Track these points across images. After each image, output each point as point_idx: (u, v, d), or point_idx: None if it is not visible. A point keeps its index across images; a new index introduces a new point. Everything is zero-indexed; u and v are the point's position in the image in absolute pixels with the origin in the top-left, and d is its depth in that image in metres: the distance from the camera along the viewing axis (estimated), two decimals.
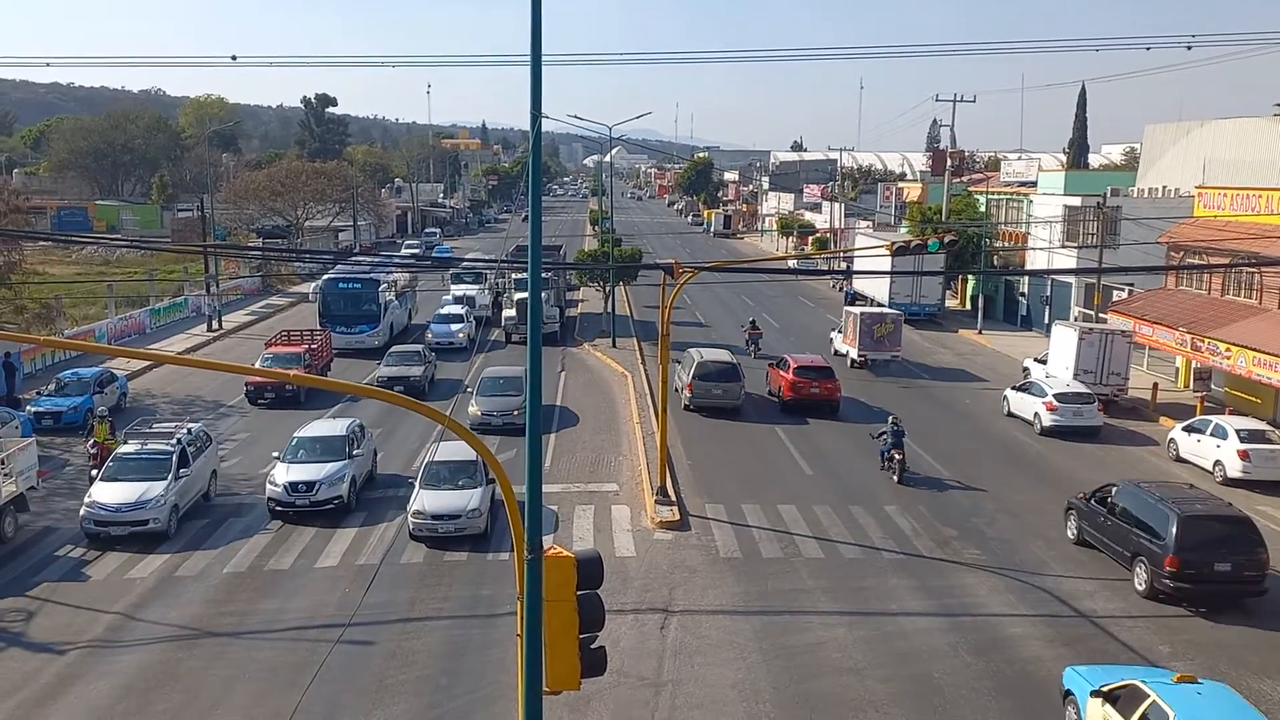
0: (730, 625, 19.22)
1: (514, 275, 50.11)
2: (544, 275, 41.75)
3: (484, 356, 43.48)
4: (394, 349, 39.46)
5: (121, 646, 18.09)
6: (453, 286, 55.01)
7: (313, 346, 38.82)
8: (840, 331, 45.11)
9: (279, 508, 24.27)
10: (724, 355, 36.39)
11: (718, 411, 34.78)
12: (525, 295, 38.73)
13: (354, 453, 25.87)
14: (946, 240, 24.54)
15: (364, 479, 26.65)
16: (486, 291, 54.40)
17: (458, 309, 49.93)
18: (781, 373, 36.01)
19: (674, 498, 25.82)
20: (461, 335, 45.98)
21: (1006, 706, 16.42)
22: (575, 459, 29.78)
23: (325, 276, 46.98)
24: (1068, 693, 15.97)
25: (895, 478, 27.73)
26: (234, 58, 34.52)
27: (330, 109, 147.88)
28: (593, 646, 9.51)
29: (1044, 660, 17.99)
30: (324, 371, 38.97)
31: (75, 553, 22.42)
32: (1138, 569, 20.83)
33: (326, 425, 27.56)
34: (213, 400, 36.14)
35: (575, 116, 48.33)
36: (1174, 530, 19.88)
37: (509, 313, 48.58)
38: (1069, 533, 23.76)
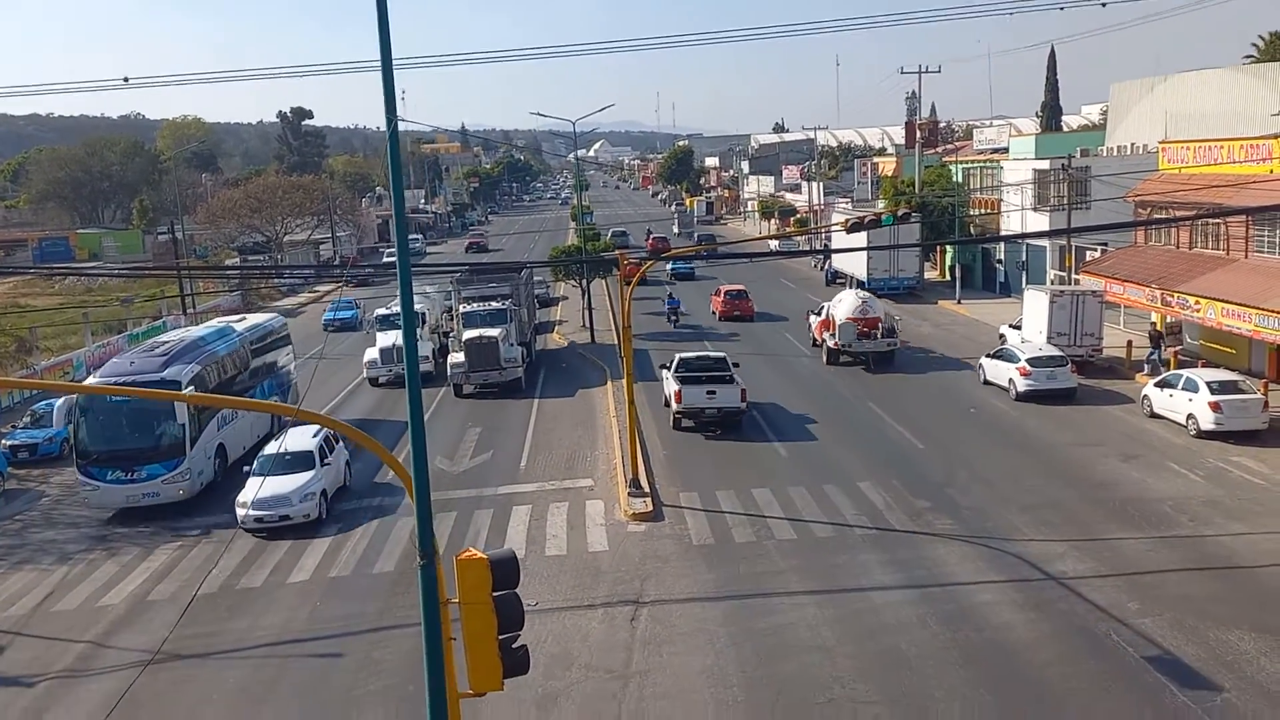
0: (700, 613, 19.23)
1: (461, 306, 39.37)
2: (503, 303, 38.98)
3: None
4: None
5: (90, 675, 18.10)
6: (379, 335, 40.87)
7: None
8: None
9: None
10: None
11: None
12: (479, 333, 36.76)
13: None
14: (900, 213, 24.46)
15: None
16: (424, 337, 41.85)
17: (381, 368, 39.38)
18: (716, 298, 52.50)
19: (648, 489, 25.83)
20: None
21: (971, 674, 16.42)
22: (551, 456, 29.78)
23: (93, 379, 29.00)
24: None
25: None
26: (125, 79, 35.52)
27: (307, 122, 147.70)
28: (514, 646, 9.50)
29: (1012, 626, 18.00)
30: None
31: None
32: None
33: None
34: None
35: (539, 113, 48.39)
36: None
37: (456, 357, 37.25)
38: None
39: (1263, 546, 20.81)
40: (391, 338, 40.43)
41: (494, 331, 37.05)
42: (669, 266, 68.37)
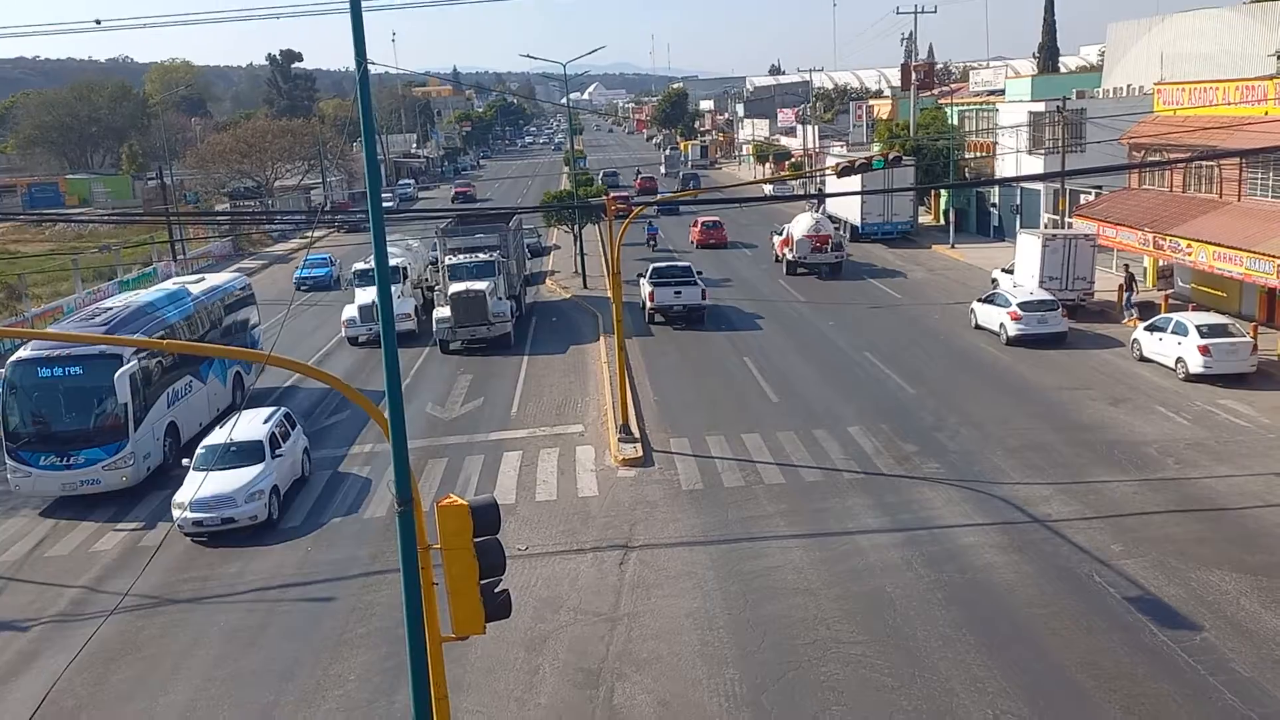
0: (689, 556, 19.41)
1: (446, 258, 37.47)
2: (490, 255, 37.15)
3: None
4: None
5: (83, 619, 18.28)
6: (357, 291, 38.32)
7: None
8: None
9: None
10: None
11: (686, 340, 34.84)
12: (466, 287, 35.22)
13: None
14: (891, 157, 24.27)
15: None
16: (407, 293, 40.03)
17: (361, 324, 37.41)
18: (694, 229, 58.36)
19: (638, 435, 25.93)
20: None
21: (955, 615, 16.63)
22: (542, 403, 29.86)
23: (15, 358, 24.57)
24: None
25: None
26: (98, 21, 34.46)
27: (297, 64, 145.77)
28: (496, 591, 9.60)
29: (996, 567, 18.19)
30: None
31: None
32: None
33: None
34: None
35: (528, 55, 47.63)
36: None
37: (442, 312, 35.84)
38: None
39: (1246, 488, 20.99)
40: (371, 294, 36.03)
41: (481, 285, 35.64)
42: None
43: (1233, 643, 15.39)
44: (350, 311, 38.01)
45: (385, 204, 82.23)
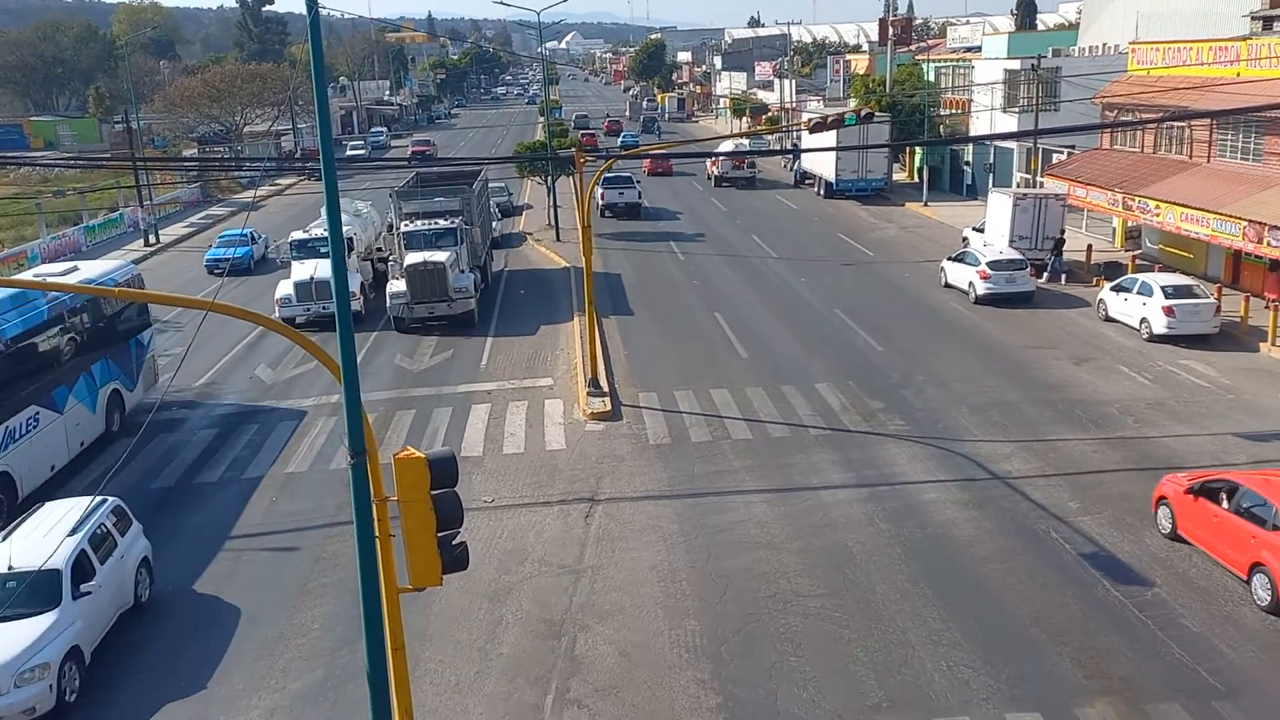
0: (654, 510, 19.56)
1: (402, 224, 33.74)
2: (452, 221, 33.58)
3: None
4: None
5: None
6: (294, 265, 33.85)
7: None
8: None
9: None
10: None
11: (658, 294, 34.84)
12: (424, 258, 31.15)
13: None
14: (864, 114, 24.20)
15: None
16: (353, 267, 34.23)
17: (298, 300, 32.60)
18: (646, 160, 66.62)
19: (606, 389, 25.97)
20: None
21: (913, 569, 16.89)
22: (512, 356, 29.81)
23: None
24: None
25: None
26: None
27: (268, 8, 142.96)
28: (454, 543, 9.65)
29: (955, 522, 18.46)
30: None
31: None
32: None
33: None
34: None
35: (501, 2, 46.76)
36: None
37: (397, 286, 32.07)
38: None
39: (1204, 448, 21.33)
40: (309, 268, 32.89)
41: (441, 256, 31.66)
42: (619, 139, 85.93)
43: (1183, 599, 15.73)
44: (285, 289, 33.04)
45: (357, 152, 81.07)
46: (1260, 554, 15.33)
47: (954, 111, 56.78)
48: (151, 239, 49.53)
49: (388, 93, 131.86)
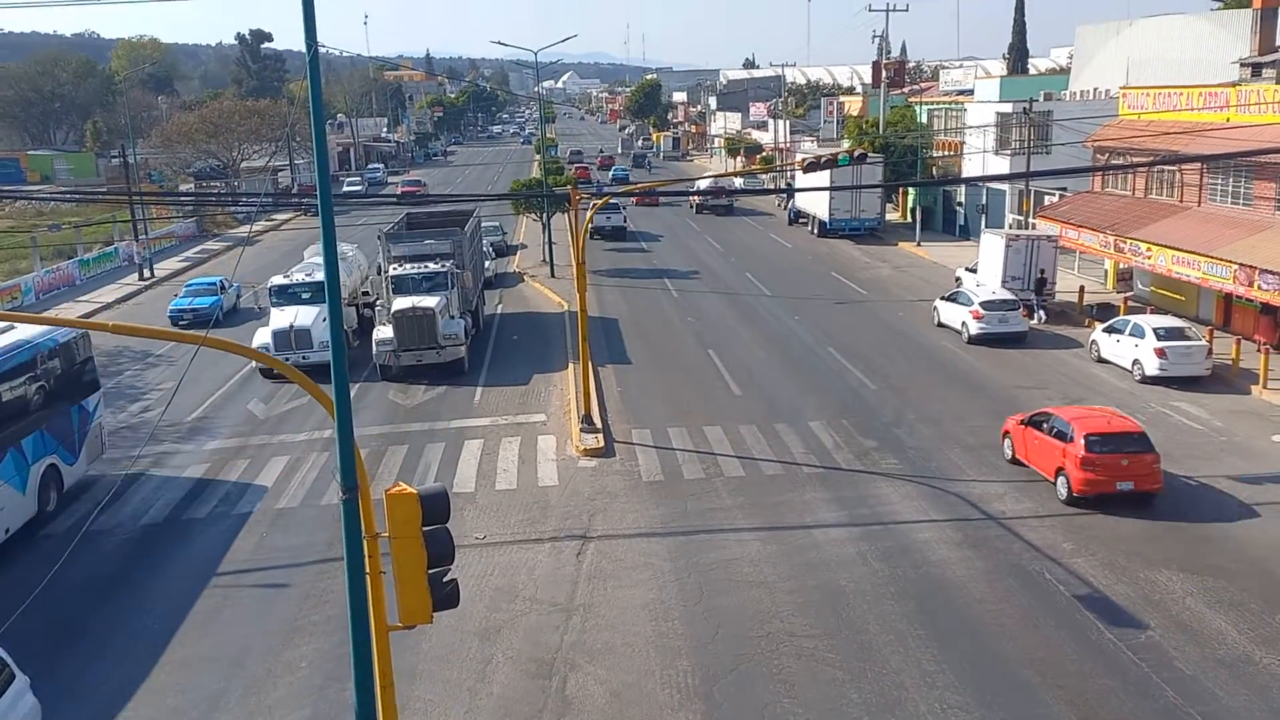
0: (646, 548, 19.46)
1: (391, 268, 32.66)
2: (443, 265, 32.38)
3: None
4: None
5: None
6: (274, 312, 32.26)
7: None
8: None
9: None
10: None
11: (652, 331, 34.70)
12: (412, 303, 30.14)
13: None
14: (857, 154, 24.35)
15: None
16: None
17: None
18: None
19: (600, 425, 25.94)
20: None
21: (907, 608, 16.80)
22: (505, 392, 29.78)
23: None
24: None
25: None
26: None
27: (267, 45, 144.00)
28: (444, 580, 9.58)
29: (949, 563, 18.39)
30: None
31: None
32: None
33: None
34: (141, 350, 35.71)
35: (500, 42, 47.36)
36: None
37: (384, 333, 30.86)
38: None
39: (1196, 490, 21.31)
40: (290, 315, 31.47)
41: (430, 301, 30.71)
42: (610, 173, 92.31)
43: (1177, 642, 15.66)
44: (263, 337, 31.28)
45: (354, 188, 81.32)
46: (1062, 461, 20.83)
47: (946, 153, 57.28)
48: (146, 273, 49.56)
49: (385, 130, 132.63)
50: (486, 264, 42.80)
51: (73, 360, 23.19)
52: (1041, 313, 35.19)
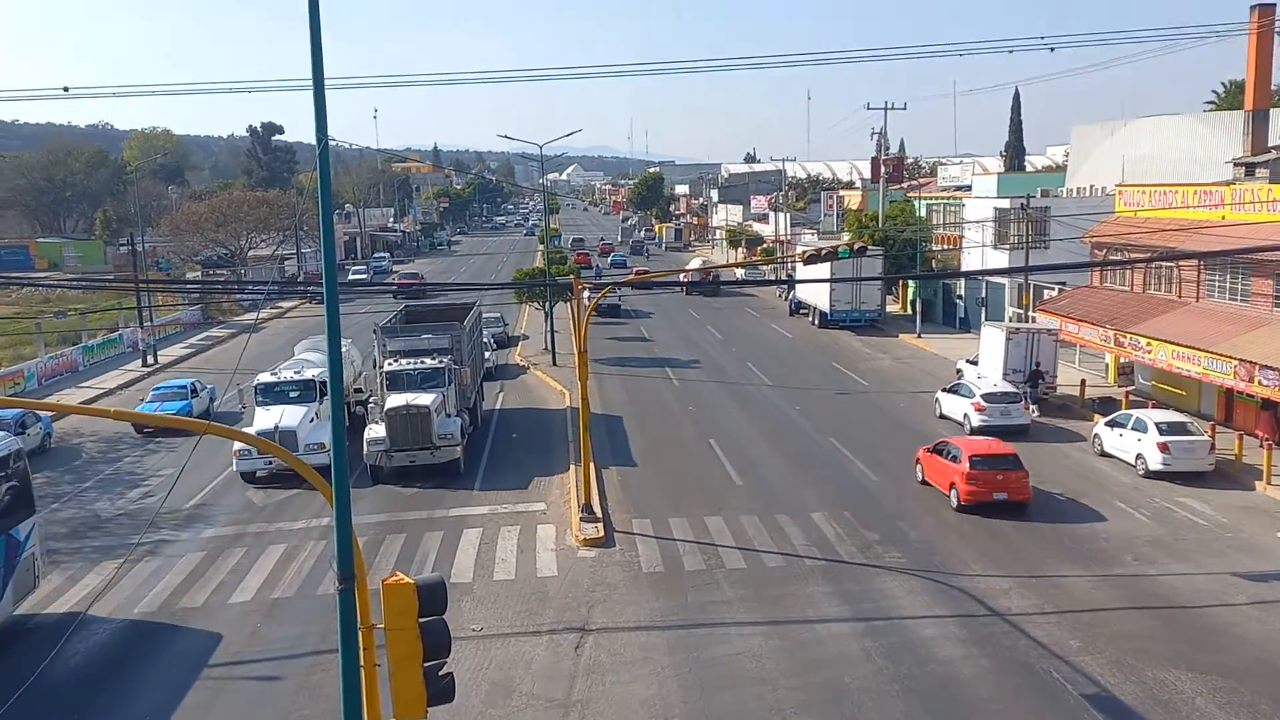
0: (646, 641, 19.15)
1: (386, 363, 31.71)
2: (440, 360, 31.39)
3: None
4: None
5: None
6: (259, 412, 30.64)
7: None
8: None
9: None
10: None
11: (653, 420, 34.75)
12: (406, 401, 29.14)
13: None
14: (856, 247, 24.69)
15: None
16: (325, 414, 29.90)
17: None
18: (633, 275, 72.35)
19: (600, 515, 25.75)
20: None
21: (914, 708, 16.45)
22: (505, 480, 29.63)
23: None
24: None
25: None
26: (65, 89, 29.17)
27: (278, 137, 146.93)
28: (440, 674, 9.41)
29: (954, 661, 18.06)
30: None
31: None
32: None
33: None
34: (140, 436, 35.64)
35: (506, 136, 48.21)
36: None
37: (375, 432, 29.58)
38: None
39: (1203, 586, 21.05)
40: (275, 415, 29.84)
41: (426, 399, 29.55)
42: (609, 259, 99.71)
43: None
44: None
45: (359, 276, 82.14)
46: (953, 477, 26.02)
47: (945, 247, 57.94)
48: (150, 359, 49.76)
49: (392, 219, 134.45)
50: (487, 355, 42.21)
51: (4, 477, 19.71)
52: (1034, 407, 35.02)
